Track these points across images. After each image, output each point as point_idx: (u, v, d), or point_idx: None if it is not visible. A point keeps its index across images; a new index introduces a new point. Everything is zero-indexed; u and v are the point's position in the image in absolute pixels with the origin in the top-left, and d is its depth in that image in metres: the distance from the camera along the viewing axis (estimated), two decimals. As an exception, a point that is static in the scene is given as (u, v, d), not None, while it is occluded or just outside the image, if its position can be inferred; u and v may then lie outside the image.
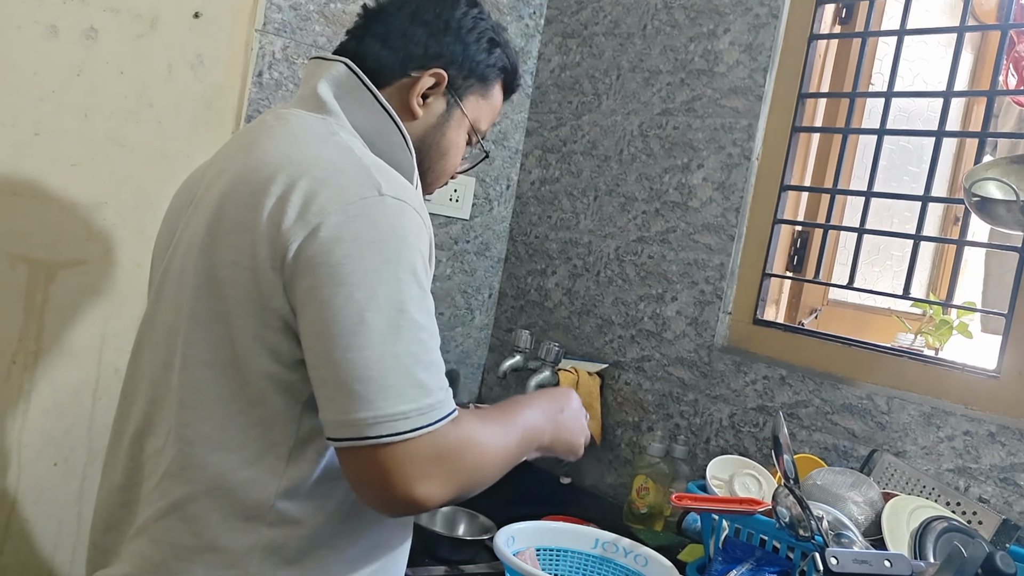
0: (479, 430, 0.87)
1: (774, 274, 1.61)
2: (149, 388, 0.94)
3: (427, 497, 0.80)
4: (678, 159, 1.75)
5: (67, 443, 1.55)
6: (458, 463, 0.83)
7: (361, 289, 0.79)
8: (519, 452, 0.95)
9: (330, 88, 0.97)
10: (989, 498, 1.26)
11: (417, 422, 0.79)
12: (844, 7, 1.61)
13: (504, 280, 2.15)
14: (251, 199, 0.85)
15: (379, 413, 0.78)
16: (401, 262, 0.82)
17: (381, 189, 0.84)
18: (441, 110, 1.03)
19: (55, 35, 1.45)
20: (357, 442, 0.78)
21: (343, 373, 0.78)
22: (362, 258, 0.80)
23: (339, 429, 0.79)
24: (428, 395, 0.80)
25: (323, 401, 0.81)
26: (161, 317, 0.94)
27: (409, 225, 0.84)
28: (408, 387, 0.79)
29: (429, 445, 0.80)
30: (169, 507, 0.87)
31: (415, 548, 1.05)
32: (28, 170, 1.45)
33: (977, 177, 1.25)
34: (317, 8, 1.72)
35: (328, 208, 0.81)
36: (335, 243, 0.80)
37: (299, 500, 0.87)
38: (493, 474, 0.89)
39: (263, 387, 0.85)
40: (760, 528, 1.18)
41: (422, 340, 0.82)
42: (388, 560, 0.97)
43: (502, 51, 1.07)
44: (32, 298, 1.48)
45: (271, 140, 0.91)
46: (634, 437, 1.76)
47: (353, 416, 0.78)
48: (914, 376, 1.36)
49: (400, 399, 0.78)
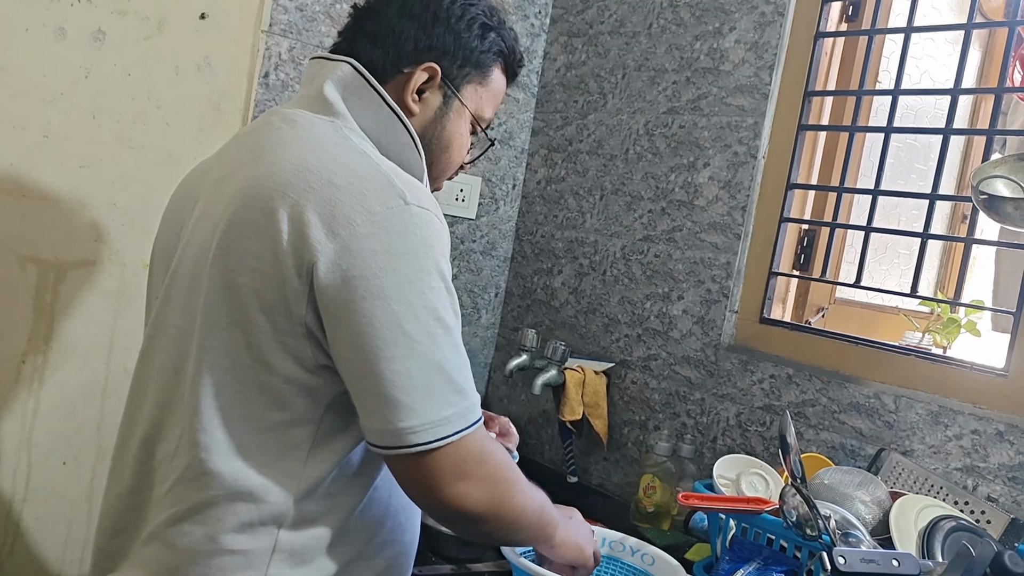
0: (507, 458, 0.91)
1: (781, 272, 1.61)
2: (158, 393, 0.93)
3: (469, 495, 0.84)
4: (684, 158, 1.75)
5: (77, 442, 1.56)
6: (496, 470, 0.87)
7: (399, 301, 0.81)
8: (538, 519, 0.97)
9: (337, 89, 0.95)
10: (998, 497, 1.25)
11: (458, 425, 0.83)
12: (851, 4, 1.61)
13: (510, 279, 2.15)
14: (268, 204, 0.84)
15: (424, 421, 0.81)
16: (432, 271, 0.83)
17: (407, 198, 0.84)
18: (438, 103, 1.01)
19: (63, 37, 1.45)
20: (405, 450, 0.81)
21: (387, 384, 0.80)
22: (396, 270, 0.81)
23: (385, 437, 0.82)
24: (465, 398, 0.84)
25: (366, 411, 0.83)
26: (171, 321, 0.93)
27: (435, 233, 0.85)
28: (449, 392, 0.83)
29: (471, 446, 0.84)
30: (184, 512, 0.87)
31: (422, 546, 1.06)
32: (37, 172, 1.46)
33: (985, 175, 1.24)
34: (323, 9, 1.72)
35: (355, 218, 0.81)
36: (368, 256, 0.81)
37: (316, 501, 0.88)
38: (520, 512, 0.92)
39: (285, 391, 0.85)
40: (767, 527, 1.17)
41: (456, 345, 0.85)
42: (399, 556, 0.98)
43: (496, 34, 1.04)
44: (41, 298, 1.49)
45: (283, 145, 0.90)
46: (641, 436, 1.76)
47: (399, 425, 0.81)
48: (922, 375, 1.36)
49: (443, 405, 0.82)
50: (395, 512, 0.96)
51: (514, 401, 2.08)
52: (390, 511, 0.95)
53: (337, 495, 0.89)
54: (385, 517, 0.94)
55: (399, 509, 0.97)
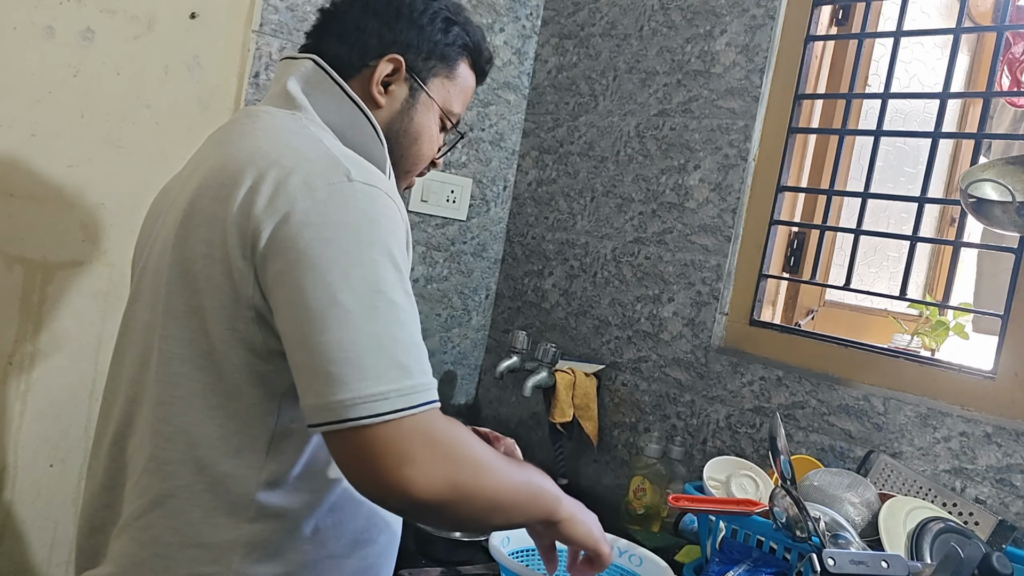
0: (477, 442, 0.84)
1: (771, 275, 1.61)
2: (128, 387, 0.93)
3: (416, 482, 0.76)
4: (675, 160, 1.76)
5: (64, 444, 1.55)
6: (452, 452, 0.79)
7: (332, 272, 0.78)
8: (527, 494, 0.89)
9: (298, 84, 0.97)
10: (985, 499, 1.26)
11: (398, 403, 0.76)
12: (841, 8, 1.61)
13: (501, 281, 2.15)
14: (221, 191, 0.85)
15: (357, 394, 0.75)
16: (375, 244, 0.80)
17: (350, 175, 0.83)
18: (404, 95, 1.03)
19: (52, 36, 1.44)
20: (337, 425, 0.76)
21: (319, 356, 0.77)
22: (332, 240, 0.79)
23: (319, 414, 0.77)
24: (409, 377, 0.78)
25: (302, 387, 0.79)
26: (138, 316, 0.94)
27: (382, 209, 0.83)
28: (387, 368, 0.77)
29: (416, 429, 0.77)
30: (149, 504, 0.87)
31: (411, 549, 1.05)
32: (25, 171, 1.45)
33: (973, 178, 1.25)
34: (313, 9, 1.72)
35: (296, 195, 0.81)
36: (303, 227, 0.79)
37: (280, 494, 0.87)
38: (494, 493, 0.84)
39: (239, 379, 0.85)
40: (757, 529, 1.18)
41: (402, 322, 0.79)
42: (374, 556, 0.96)
43: (460, 29, 1.05)
44: (28, 299, 1.48)
45: (242, 136, 0.91)
46: (631, 438, 1.76)
47: (331, 399, 0.76)
48: (910, 377, 1.36)
49: (379, 380, 0.76)
50: (372, 511, 0.94)
51: (504, 403, 2.08)
52: (365, 510, 0.94)
53: (304, 490, 0.88)
54: (359, 515, 0.93)
55: (376, 509, 0.95)
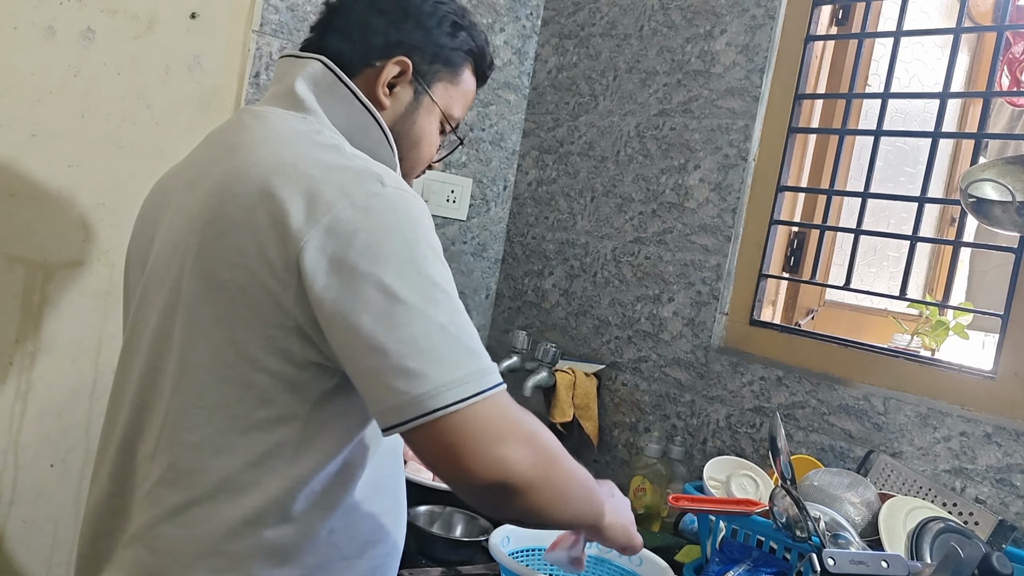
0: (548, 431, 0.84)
1: (771, 275, 1.61)
2: (135, 395, 0.93)
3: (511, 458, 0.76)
4: (675, 160, 1.76)
5: (64, 444, 1.55)
6: (531, 434, 0.80)
7: (388, 274, 0.78)
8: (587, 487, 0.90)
9: (308, 86, 0.96)
10: (985, 499, 1.26)
11: (477, 385, 0.77)
12: (841, 8, 1.61)
13: (501, 281, 2.15)
14: (248, 200, 0.84)
15: (439, 383, 0.76)
16: (420, 241, 0.82)
17: (383, 181, 0.84)
18: (409, 99, 1.02)
19: (52, 36, 1.45)
20: (424, 419, 0.76)
21: (393, 356, 0.76)
22: (382, 244, 0.80)
23: (400, 412, 0.76)
24: (480, 359, 0.79)
25: (377, 392, 0.78)
26: (148, 323, 0.93)
27: (420, 210, 0.84)
28: (461, 353, 0.78)
29: (498, 407, 0.78)
30: (165, 514, 0.86)
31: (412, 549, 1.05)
32: (25, 171, 1.45)
33: (973, 178, 1.25)
34: (314, 9, 1.72)
35: (335, 204, 0.81)
36: (352, 236, 0.79)
37: (301, 500, 0.87)
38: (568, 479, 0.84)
39: (272, 387, 0.84)
40: (757, 529, 1.18)
41: (459, 310, 0.81)
42: (382, 556, 0.97)
43: (467, 34, 1.04)
44: (29, 299, 1.48)
45: (258, 141, 0.90)
46: (631, 438, 1.76)
47: (413, 394, 0.76)
48: (910, 377, 1.36)
49: (456, 366, 0.77)
50: (380, 513, 0.95)
51: (505, 403, 2.08)
52: (375, 511, 0.95)
53: (322, 494, 0.88)
54: (370, 517, 0.93)
55: (385, 510, 0.96)
